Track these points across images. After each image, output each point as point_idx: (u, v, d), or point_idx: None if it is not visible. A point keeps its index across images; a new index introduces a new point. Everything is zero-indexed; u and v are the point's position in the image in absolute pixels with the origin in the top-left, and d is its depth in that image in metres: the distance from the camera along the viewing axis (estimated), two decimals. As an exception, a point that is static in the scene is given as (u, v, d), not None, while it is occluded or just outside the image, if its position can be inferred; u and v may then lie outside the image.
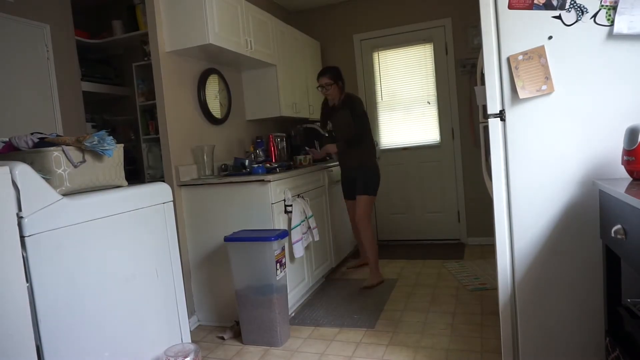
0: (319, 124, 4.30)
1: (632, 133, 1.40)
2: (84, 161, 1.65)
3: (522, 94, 1.66)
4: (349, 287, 3.29)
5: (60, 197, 1.50)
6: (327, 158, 3.81)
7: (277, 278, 2.39)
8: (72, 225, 1.53)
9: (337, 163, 3.60)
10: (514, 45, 1.67)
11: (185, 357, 1.85)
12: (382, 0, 4.34)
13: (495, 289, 1.90)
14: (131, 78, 3.16)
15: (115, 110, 3.52)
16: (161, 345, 1.90)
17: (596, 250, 1.62)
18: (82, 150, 1.65)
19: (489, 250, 3.94)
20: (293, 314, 2.83)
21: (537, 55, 1.64)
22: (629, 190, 1.26)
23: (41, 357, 1.39)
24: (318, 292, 3.23)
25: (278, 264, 2.41)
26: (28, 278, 1.37)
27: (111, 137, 1.71)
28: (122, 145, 1.86)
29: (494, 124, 1.74)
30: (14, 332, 1.30)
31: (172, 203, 2.02)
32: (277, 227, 2.62)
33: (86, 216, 1.59)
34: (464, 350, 2.17)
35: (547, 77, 1.64)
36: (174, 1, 2.66)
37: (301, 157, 3.62)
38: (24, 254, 1.36)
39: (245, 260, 2.41)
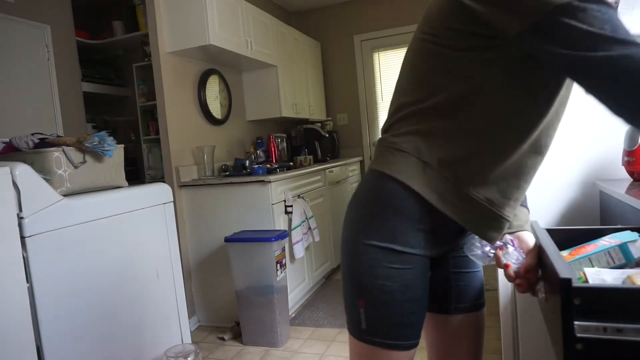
0: (319, 124, 4.23)
1: (632, 134, 1.40)
2: (84, 162, 1.65)
3: (522, 95, 1.66)
4: (349, 287, 3.29)
5: (61, 197, 1.50)
6: None
7: (278, 279, 2.39)
8: (73, 226, 1.53)
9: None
10: (514, 46, 1.66)
11: (186, 357, 1.85)
12: (382, 0, 4.34)
13: (495, 289, 1.90)
14: (131, 79, 3.16)
15: (116, 111, 3.53)
16: (161, 345, 1.90)
17: (596, 250, 1.61)
18: (83, 150, 1.65)
19: (489, 250, 3.93)
20: (293, 315, 2.83)
21: (537, 55, 1.63)
22: (629, 191, 1.26)
23: (41, 357, 1.40)
24: (318, 292, 3.23)
25: (278, 265, 2.41)
26: (28, 278, 1.37)
27: (111, 138, 1.72)
28: (123, 145, 1.86)
29: (494, 125, 1.73)
30: (14, 332, 1.30)
31: (172, 204, 2.02)
32: (277, 228, 2.62)
33: (86, 217, 1.59)
34: (464, 351, 2.17)
35: (547, 78, 1.63)
36: (174, 2, 2.66)
37: (301, 157, 3.62)
38: (24, 254, 1.36)
39: (246, 261, 2.41)
